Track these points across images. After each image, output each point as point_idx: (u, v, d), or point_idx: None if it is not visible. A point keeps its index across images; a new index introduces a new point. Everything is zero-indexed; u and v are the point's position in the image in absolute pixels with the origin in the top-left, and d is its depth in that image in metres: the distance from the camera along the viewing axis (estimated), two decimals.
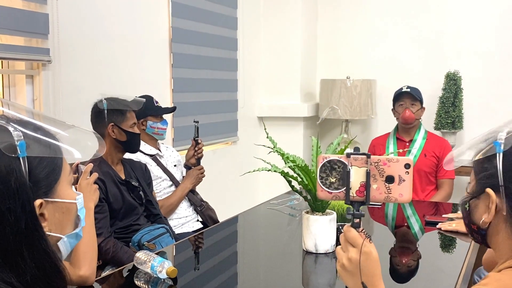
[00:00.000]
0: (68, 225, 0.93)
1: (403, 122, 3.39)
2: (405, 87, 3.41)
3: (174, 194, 2.72)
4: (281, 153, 1.88)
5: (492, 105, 3.93)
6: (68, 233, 0.93)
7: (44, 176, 0.86)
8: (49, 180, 0.87)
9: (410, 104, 3.37)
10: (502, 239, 1.15)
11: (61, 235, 0.91)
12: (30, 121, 0.87)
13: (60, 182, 0.90)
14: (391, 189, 1.05)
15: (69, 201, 0.92)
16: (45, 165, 0.86)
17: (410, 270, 1.88)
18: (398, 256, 2.01)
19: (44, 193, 0.86)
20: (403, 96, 3.38)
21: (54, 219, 0.89)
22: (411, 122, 3.37)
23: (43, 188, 0.86)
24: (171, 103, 3.29)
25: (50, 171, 0.87)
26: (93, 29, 2.72)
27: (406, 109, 3.35)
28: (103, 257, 2.11)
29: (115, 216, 2.22)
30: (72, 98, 2.56)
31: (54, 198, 0.88)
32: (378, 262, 1.06)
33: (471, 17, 4.01)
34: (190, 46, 3.46)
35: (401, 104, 3.40)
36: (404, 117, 3.35)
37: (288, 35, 4.25)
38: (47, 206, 0.87)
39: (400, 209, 2.66)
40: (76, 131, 0.97)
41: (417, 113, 3.38)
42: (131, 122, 2.28)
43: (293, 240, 2.22)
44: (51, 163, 0.88)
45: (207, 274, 1.83)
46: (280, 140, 2.16)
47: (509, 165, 1.10)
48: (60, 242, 0.91)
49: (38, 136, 0.86)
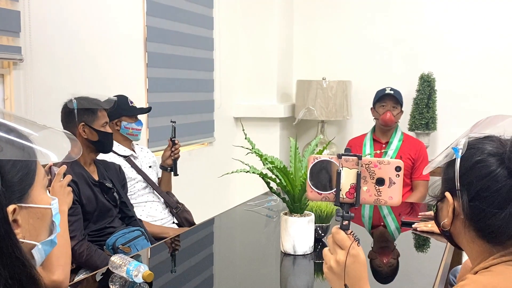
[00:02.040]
0: (42, 231, 0.89)
1: (383, 124, 3.42)
2: (389, 89, 3.44)
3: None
4: (259, 154, 1.87)
5: (465, 107, 3.99)
6: (42, 240, 0.89)
7: (18, 180, 0.82)
8: (23, 185, 0.83)
9: (391, 106, 3.40)
10: (466, 242, 1.16)
11: (36, 242, 0.87)
12: (2, 122, 0.82)
13: (34, 186, 0.85)
14: (381, 192, 1.04)
15: (44, 206, 0.88)
16: (19, 168, 0.82)
17: (388, 270, 1.89)
18: (376, 256, 2.01)
19: (17, 198, 0.82)
20: (386, 98, 3.41)
21: (28, 226, 0.85)
22: (391, 125, 3.41)
23: (17, 193, 0.82)
24: (146, 103, 3.25)
25: (24, 175, 0.83)
26: (66, 28, 2.66)
27: (388, 112, 3.37)
28: (76, 261, 2.06)
29: (88, 219, 2.18)
30: (44, 98, 2.50)
31: (28, 203, 0.84)
32: (365, 266, 1.06)
33: (445, 19, 4.07)
34: (165, 45, 3.41)
35: (382, 105, 3.42)
36: (384, 119, 3.38)
37: (264, 35, 4.24)
38: (21, 212, 0.82)
39: (376, 208, 2.67)
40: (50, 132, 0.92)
41: (397, 116, 3.42)
42: (103, 121, 2.24)
43: (271, 241, 2.20)
44: (25, 166, 0.83)
45: (183, 277, 1.80)
46: (257, 140, 2.15)
47: (465, 169, 1.12)
48: (35, 249, 0.87)
49: (11, 138, 0.81)
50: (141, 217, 2.59)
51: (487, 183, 1.09)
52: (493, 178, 1.08)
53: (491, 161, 1.10)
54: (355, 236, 1.05)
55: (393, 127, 3.46)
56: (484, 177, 1.09)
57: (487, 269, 1.10)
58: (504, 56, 3.92)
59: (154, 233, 2.54)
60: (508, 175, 1.08)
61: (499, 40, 3.93)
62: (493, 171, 1.09)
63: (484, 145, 1.13)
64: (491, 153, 1.11)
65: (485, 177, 1.09)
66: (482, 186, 1.09)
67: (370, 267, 1.85)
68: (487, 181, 1.09)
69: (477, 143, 1.14)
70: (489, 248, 1.12)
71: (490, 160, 1.10)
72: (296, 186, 1.83)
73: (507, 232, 1.08)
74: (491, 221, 1.09)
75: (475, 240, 1.14)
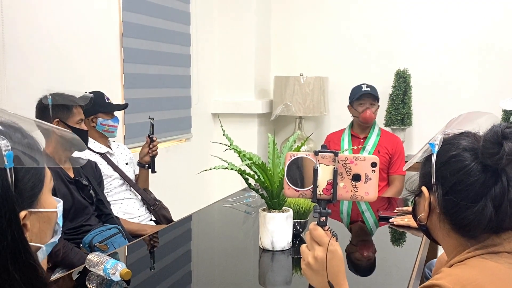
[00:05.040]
0: (47, 234, 0.89)
1: (363, 122, 3.44)
2: (365, 86, 3.46)
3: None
4: (237, 151, 1.87)
5: (440, 102, 4.05)
6: (47, 242, 0.89)
7: (30, 187, 0.82)
8: (34, 191, 0.83)
9: (370, 104, 3.43)
10: (442, 236, 1.18)
11: (41, 244, 0.87)
12: (18, 128, 0.83)
13: (43, 191, 0.86)
14: (357, 188, 1.04)
15: (51, 210, 0.88)
16: (31, 175, 0.82)
17: (365, 264, 1.91)
18: (354, 251, 2.03)
19: (28, 204, 0.82)
20: (364, 96, 3.43)
21: (35, 229, 0.85)
22: (371, 122, 3.44)
23: (28, 199, 0.82)
24: (123, 99, 3.21)
25: (35, 182, 0.83)
26: (40, 23, 2.60)
27: (367, 109, 3.40)
28: (52, 259, 2.03)
29: (64, 216, 2.14)
30: (18, 94, 2.45)
31: (38, 208, 0.84)
32: (343, 261, 1.07)
33: (420, 16, 4.12)
34: (141, 41, 3.38)
35: (361, 103, 3.44)
36: (365, 117, 3.40)
37: (241, 31, 4.23)
38: (30, 216, 0.82)
39: (354, 204, 2.69)
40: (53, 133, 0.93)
41: (375, 113, 3.45)
42: (78, 118, 2.21)
43: (249, 237, 2.20)
44: (37, 173, 0.84)
45: (161, 274, 1.79)
46: (234, 136, 2.14)
47: (440, 164, 1.13)
48: (39, 251, 0.87)
49: (25, 147, 0.81)
50: (118, 215, 2.56)
51: (461, 177, 1.10)
52: (467, 172, 1.10)
53: (466, 155, 1.12)
54: (333, 232, 1.05)
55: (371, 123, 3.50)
56: (459, 171, 1.11)
57: (462, 262, 1.12)
58: (478, 52, 3.98)
59: (132, 230, 2.52)
60: (482, 170, 1.09)
61: (473, 36, 3.99)
62: (467, 166, 1.10)
63: (460, 141, 1.15)
64: (466, 148, 1.13)
65: (459, 171, 1.11)
66: (456, 180, 1.11)
67: (348, 261, 1.87)
68: (461, 175, 1.11)
69: (453, 138, 1.16)
70: (463, 241, 1.14)
71: (465, 154, 1.12)
72: (274, 182, 1.83)
73: (480, 225, 1.10)
74: (465, 215, 1.11)
75: (450, 234, 1.16)
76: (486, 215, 1.08)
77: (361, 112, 3.42)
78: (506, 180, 1.08)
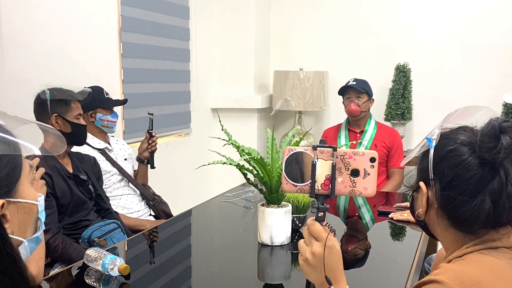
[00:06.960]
0: (29, 227, 0.89)
1: (349, 115, 3.48)
2: (352, 80, 3.49)
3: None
4: (236, 146, 1.86)
5: (440, 97, 4.04)
6: (29, 237, 0.89)
7: (5, 175, 0.82)
8: (10, 180, 0.83)
9: (355, 97, 3.44)
10: (440, 231, 1.18)
11: (23, 238, 0.87)
12: None
13: (21, 181, 0.85)
14: (356, 183, 1.04)
15: (31, 202, 0.88)
16: (5, 163, 0.82)
17: (364, 260, 1.91)
18: (352, 246, 2.03)
19: (5, 193, 0.82)
20: (348, 90, 3.46)
21: (16, 220, 0.85)
22: (357, 115, 3.45)
23: (4, 187, 0.82)
24: (121, 94, 3.20)
25: (10, 170, 0.83)
26: (38, 18, 2.59)
27: (352, 102, 3.42)
28: (51, 254, 2.03)
29: (63, 212, 2.14)
30: (16, 89, 2.44)
31: (16, 198, 0.84)
32: (341, 256, 1.06)
33: (420, 10, 4.10)
34: (140, 35, 3.37)
35: (347, 97, 3.47)
36: (349, 110, 3.43)
37: (241, 25, 4.22)
38: (9, 206, 0.82)
39: (351, 199, 2.69)
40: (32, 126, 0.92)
41: (364, 105, 3.44)
42: (76, 113, 2.20)
43: (248, 232, 2.20)
44: (11, 161, 0.83)
45: (160, 269, 1.79)
46: (234, 131, 2.14)
47: (438, 159, 1.13)
48: (21, 246, 0.87)
49: None
50: (117, 210, 2.56)
51: (459, 172, 1.10)
52: (464, 167, 1.09)
53: (463, 150, 1.11)
54: (331, 227, 1.05)
55: (364, 117, 3.50)
56: (456, 165, 1.10)
57: (460, 258, 1.11)
58: (478, 47, 3.97)
59: (131, 225, 2.52)
60: (479, 164, 1.09)
61: (474, 31, 3.98)
62: (465, 160, 1.10)
63: (457, 135, 1.14)
64: (463, 142, 1.12)
65: (457, 166, 1.10)
66: (454, 174, 1.10)
67: (347, 256, 1.86)
68: (458, 169, 1.10)
69: (451, 133, 1.15)
70: (462, 237, 1.14)
71: (462, 149, 1.11)
72: (273, 177, 1.83)
73: (478, 220, 1.09)
74: (463, 210, 1.10)
75: (448, 229, 1.16)
76: (484, 210, 1.08)
77: (347, 105, 3.44)
78: (504, 175, 1.08)
